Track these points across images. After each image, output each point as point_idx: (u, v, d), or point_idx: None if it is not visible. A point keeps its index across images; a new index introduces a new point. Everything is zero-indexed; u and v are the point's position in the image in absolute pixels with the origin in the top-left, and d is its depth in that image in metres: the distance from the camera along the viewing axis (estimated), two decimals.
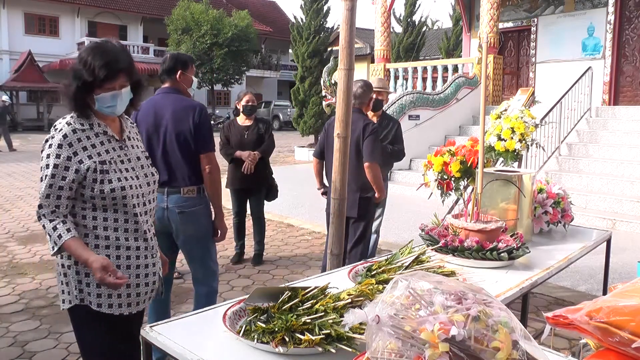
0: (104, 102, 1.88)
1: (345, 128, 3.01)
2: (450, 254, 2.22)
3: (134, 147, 2.06)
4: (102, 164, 1.89)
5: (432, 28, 28.73)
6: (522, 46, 12.65)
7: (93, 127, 1.92)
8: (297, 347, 1.34)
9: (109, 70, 1.84)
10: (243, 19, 26.70)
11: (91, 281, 1.91)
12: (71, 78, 1.87)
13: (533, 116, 5.31)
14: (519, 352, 1.01)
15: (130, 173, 1.97)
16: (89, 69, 1.83)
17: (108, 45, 1.90)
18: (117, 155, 1.96)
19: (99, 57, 1.84)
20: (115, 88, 1.88)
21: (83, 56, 1.86)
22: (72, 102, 1.88)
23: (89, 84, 1.84)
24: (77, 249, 1.81)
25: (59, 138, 1.86)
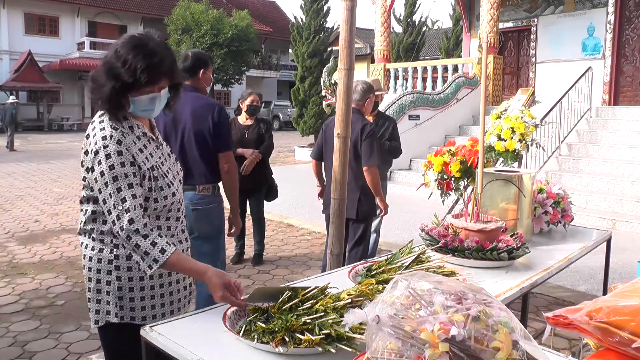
0: (141, 105, 1.71)
1: (345, 128, 3.01)
2: (450, 254, 2.22)
3: (164, 145, 1.90)
4: (152, 170, 1.73)
5: (432, 28, 28.74)
6: (522, 46, 12.65)
7: (133, 129, 1.73)
8: (297, 347, 1.34)
9: (151, 74, 1.64)
10: (243, 19, 26.70)
11: (135, 295, 1.76)
12: (105, 76, 1.64)
13: (533, 116, 5.31)
14: (519, 352, 1.01)
15: (170, 175, 1.82)
16: (128, 69, 1.62)
17: (151, 44, 1.67)
18: (158, 157, 1.80)
19: (142, 58, 1.62)
20: (155, 91, 1.70)
21: (122, 53, 1.63)
22: (106, 103, 1.67)
23: (128, 85, 1.64)
24: (185, 262, 1.64)
25: (115, 145, 1.65)
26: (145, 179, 1.70)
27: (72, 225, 6.80)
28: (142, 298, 1.78)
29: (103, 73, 1.66)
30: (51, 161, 14.36)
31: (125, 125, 1.72)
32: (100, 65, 1.68)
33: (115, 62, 1.64)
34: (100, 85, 1.66)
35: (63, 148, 18.39)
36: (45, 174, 11.81)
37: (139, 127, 1.76)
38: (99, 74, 1.68)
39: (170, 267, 1.66)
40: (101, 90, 1.66)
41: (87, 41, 29.11)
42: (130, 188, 1.64)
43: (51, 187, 9.96)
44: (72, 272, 4.93)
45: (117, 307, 1.77)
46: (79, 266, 5.11)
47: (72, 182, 10.59)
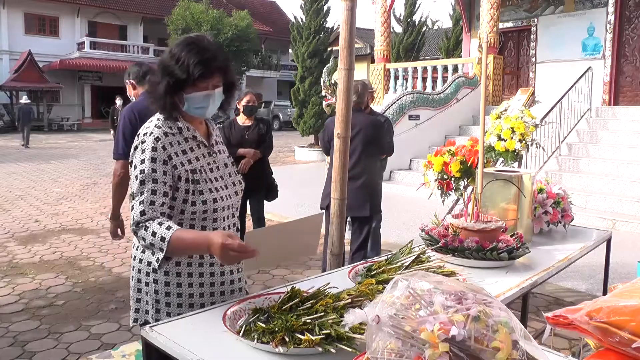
0: (195, 103, 1.73)
1: (345, 128, 3.01)
2: (450, 254, 2.22)
3: (220, 153, 1.89)
4: (193, 172, 1.73)
5: (432, 28, 28.73)
6: (522, 46, 12.65)
7: (182, 131, 1.76)
8: (297, 347, 1.34)
9: (204, 68, 1.67)
10: (243, 19, 26.70)
11: (172, 301, 1.79)
12: (160, 74, 1.70)
13: (533, 116, 5.31)
14: (519, 352, 1.01)
15: (220, 182, 1.81)
16: (182, 65, 1.66)
17: (204, 42, 1.71)
18: (207, 163, 1.80)
19: (195, 54, 1.67)
20: (209, 88, 1.72)
21: (175, 52, 1.69)
22: (161, 101, 1.71)
23: (181, 82, 1.68)
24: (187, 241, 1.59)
25: (151, 141, 1.69)
26: (181, 180, 1.72)
27: (72, 225, 6.80)
28: (179, 305, 1.80)
29: (158, 72, 1.72)
30: (51, 161, 14.35)
31: (174, 125, 1.75)
32: (156, 66, 1.74)
33: (170, 61, 1.69)
34: (156, 83, 1.71)
35: (63, 148, 18.39)
36: (45, 174, 11.81)
37: (189, 129, 1.78)
38: (154, 74, 1.74)
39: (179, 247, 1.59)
40: (156, 89, 1.71)
41: (87, 41, 29.11)
42: (153, 183, 1.66)
43: (51, 187, 9.97)
44: (72, 272, 4.93)
45: (154, 309, 1.81)
46: (79, 266, 5.12)
47: (72, 182, 10.60)
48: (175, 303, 1.80)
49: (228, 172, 1.88)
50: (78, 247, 5.79)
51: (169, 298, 1.80)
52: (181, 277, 1.80)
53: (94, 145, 19.51)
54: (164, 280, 1.80)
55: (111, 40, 30.39)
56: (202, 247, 1.59)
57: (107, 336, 3.58)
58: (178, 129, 1.76)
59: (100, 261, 5.29)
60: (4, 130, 25.04)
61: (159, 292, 1.80)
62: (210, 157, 1.82)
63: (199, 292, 1.82)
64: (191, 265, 1.80)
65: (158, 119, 1.76)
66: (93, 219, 7.26)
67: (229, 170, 1.90)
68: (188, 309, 1.81)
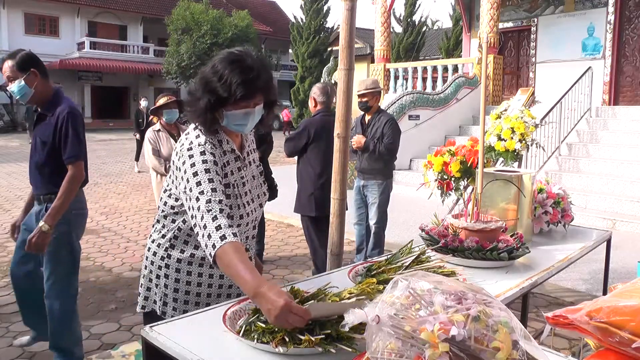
0: (234, 120, 1.71)
1: (346, 128, 3.01)
2: (450, 254, 2.22)
3: (251, 164, 1.89)
4: (227, 187, 1.72)
5: (432, 28, 28.76)
6: (522, 46, 12.65)
7: (222, 144, 1.75)
8: (297, 347, 1.34)
9: (246, 89, 1.65)
10: (243, 19, 26.71)
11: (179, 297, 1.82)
12: (202, 90, 1.68)
13: (533, 116, 5.32)
14: (519, 352, 1.01)
15: (248, 197, 1.81)
16: (224, 84, 1.64)
17: (248, 60, 1.68)
18: (240, 177, 1.80)
19: (238, 73, 1.64)
20: (249, 106, 1.70)
21: (219, 69, 1.65)
22: (201, 117, 1.69)
23: (223, 100, 1.66)
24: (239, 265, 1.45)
25: (197, 149, 1.67)
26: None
27: None
28: (186, 302, 1.84)
29: (200, 87, 1.69)
30: None
31: (214, 138, 1.75)
32: (197, 79, 1.72)
33: (212, 77, 1.66)
34: (197, 98, 1.70)
35: None
36: None
37: (228, 142, 1.77)
38: (195, 87, 1.71)
39: (224, 265, 1.48)
40: (197, 104, 1.69)
41: (87, 41, 29.11)
42: (210, 182, 1.61)
43: None
44: None
45: (161, 302, 1.88)
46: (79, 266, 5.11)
47: None
48: (182, 300, 1.85)
49: (256, 184, 1.89)
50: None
51: (176, 294, 1.85)
52: (191, 276, 1.84)
53: (93, 145, 19.52)
54: (175, 277, 1.84)
55: (111, 40, 30.40)
56: (248, 284, 1.41)
57: (107, 336, 3.58)
58: (218, 141, 1.76)
59: (100, 261, 5.28)
60: (4, 130, 25.03)
61: (168, 287, 1.85)
62: (242, 171, 1.82)
63: (207, 293, 1.86)
64: (202, 266, 1.84)
65: (197, 131, 1.74)
66: (93, 219, 7.26)
67: (257, 182, 1.90)
68: (194, 306, 1.84)
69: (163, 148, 4.73)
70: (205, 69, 1.72)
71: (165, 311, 1.86)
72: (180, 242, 1.84)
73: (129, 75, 30.86)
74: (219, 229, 1.50)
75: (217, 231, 1.50)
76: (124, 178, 11.33)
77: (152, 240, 1.91)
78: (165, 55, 27.66)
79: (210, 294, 1.86)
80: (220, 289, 1.88)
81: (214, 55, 1.77)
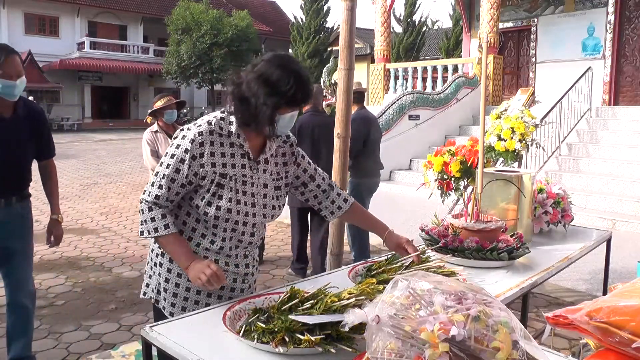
0: (283, 122, 1.77)
1: (345, 128, 3.01)
2: (450, 254, 2.22)
3: (265, 172, 1.86)
4: (222, 177, 1.75)
5: (432, 28, 28.76)
6: (522, 46, 12.65)
7: (231, 135, 1.78)
8: (297, 347, 1.34)
9: (304, 96, 1.75)
10: (243, 19, 26.70)
11: (169, 288, 1.86)
12: (264, 94, 1.69)
13: (533, 116, 5.32)
14: (519, 352, 1.01)
15: (247, 198, 1.80)
16: (290, 89, 1.70)
17: (303, 73, 1.76)
18: (242, 175, 1.79)
19: (300, 83, 1.71)
20: (295, 110, 1.79)
21: (281, 75, 1.69)
22: (263, 118, 1.71)
23: (284, 104, 1.73)
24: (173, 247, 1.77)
25: (193, 133, 1.74)
26: (204, 179, 1.75)
27: (72, 225, 6.80)
28: (175, 295, 1.86)
29: (261, 90, 1.70)
30: None
31: (226, 127, 1.78)
32: (252, 84, 1.71)
33: (277, 81, 1.70)
34: (254, 95, 1.70)
35: (63, 148, 18.38)
36: None
37: (239, 136, 1.79)
38: (252, 90, 1.70)
39: (162, 247, 1.81)
40: (258, 107, 1.70)
41: (87, 41, 29.10)
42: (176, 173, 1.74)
43: None
44: (72, 272, 4.93)
45: (156, 290, 1.92)
46: (79, 266, 5.12)
47: (72, 182, 10.59)
48: (172, 292, 1.85)
49: (265, 192, 1.85)
50: (78, 247, 5.79)
51: (167, 284, 1.86)
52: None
53: (93, 145, 19.51)
54: (167, 267, 1.87)
55: (111, 40, 30.39)
56: (182, 261, 1.76)
57: (107, 336, 3.58)
58: (228, 132, 1.78)
59: (100, 261, 5.29)
60: None
61: (161, 276, 1.89)
62: (249, 171, 1.81)
63: (196, 289, 1.84)
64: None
65: (216, 117, 1.79)
66: (93, 219, 7.26)
67: (268, 192, 1.86)
68: (182, 300, 1.85)
69: (161, 149, 4.73)
70: (263, 68, 1.72)
71: (158, 299, 1.91)
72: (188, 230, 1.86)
73: (129, 75, 30.86)
74: (152, 221, 1.75)
75: (151, 222, 1.76)
76: (124, 178, 11.33)
77: None
78: (165, 55, 27.66)
79: (200, 291, 1.84)
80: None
81: (214, 55, 1.79)
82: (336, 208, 2.05)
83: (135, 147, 13.17)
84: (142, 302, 4.18)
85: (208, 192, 1.76)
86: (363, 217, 2.15)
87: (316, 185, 2.02)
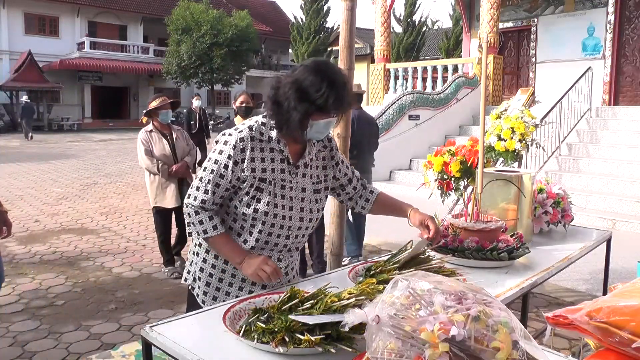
0: (317, 128, 1.79)
1: (345, 128, 3.01)
2: (450, 254, 2.22)
3: (305, 176, 1.89)
4: (262, 181, 1.80)
5: (432, 28, 28.77)
6: (522, 46, 12.65)
7: (271, 141, 1.82)
8: (297, 347, 1.34)
9: (339, 104, 1.75)
10: (243, 19, 26.71)
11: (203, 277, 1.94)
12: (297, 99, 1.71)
13: (533, 116, 5.32)
14: (519, 352, 1.01)
15: (285, 202, 1.84)
16: (322, 96, 1.70)
17: (339, 81, 1.76)
18: (281, 179, 1.83)
19: (333, 91, 1.71)
20: (331, 117, 1.80)
21: (314, 81, 1.71)
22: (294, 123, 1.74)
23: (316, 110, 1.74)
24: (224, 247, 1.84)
25: (235, 139, 1.78)
26: (244, 183, 1.80)
27: (72, 225, 6.80)
28: (208, 284, 1.94)
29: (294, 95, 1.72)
30: (51, 161, 14.36)
31: (266, 132, 1.82)
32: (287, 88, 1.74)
33: (310, 88, 1.71)
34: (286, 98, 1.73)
35: (63, 148, 18.39)
36: (45, 174, 11.81)
37: (279, 142, 1.82)
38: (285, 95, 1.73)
39: (213, 248, 1.88)
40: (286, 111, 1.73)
41: (87, 41, 29.11)
42: (220, 178, 1.79)
43: (51, 187, 9.97)
44: (72, 272, 4.93)
45: (192, 277, 1.99)
46: (79, 266, 5.12)
47: (72, 182, 10.60)
48: (205, 281, 1.94)
49: (303, 197, 1.88)
50: (78, 247, 5.79)
51: (201, 274, 1.95)
52: (217, 260, 1.93)
53: (94, 145, 19.52)
54: (203, 257, 1.95)
55: (111, 40, 30.40)
56: (234, 258, 1.84)
57: (107, 336, 3.58)
58: (269, 137, 1.82)
59: (100, 261, 5.29)
60: (4, 130, 25.03)
61: (197, 265, 1.97)
62: (288, 175, 1.85)
63: (229, 282, 1.93)
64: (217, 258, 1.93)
65: (257, 122, 1.83)
66: (93, 219, 7.26)
67: (306, 196, 1.90)
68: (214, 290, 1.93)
69: (155, 148, 4.79)
70: (298, 74, 1.75)
71: (193, 287, 1.99)
72: None
73: (129, 75, 30.86)
74: (201, 223, 1.81)
75: (200, 224, 1.81)
76: (124, 178, 11.33)
77: None
78: (165, 55, 27.66)
79: (232, 284, 1.93)
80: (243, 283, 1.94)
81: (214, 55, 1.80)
82: (364, 201, 2.14)
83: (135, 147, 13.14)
84: (142, 302, 4.18)
85: (247, 195, 1.81)
86: (389, 203, 2.22)
87: (352, 187, 2.10)
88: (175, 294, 4.38)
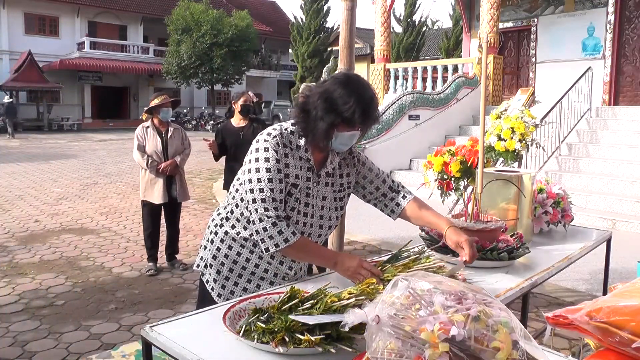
0: (342, 140, 1.81)
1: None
2: (450, 254, 2.22)
3: (327, 185, 1.94)
4: (293, 186, 1.84)
5: (432, 28, 28.75)
6: (522, 46, 12.65)
7: (299, 149, 1.86)
8: (297, 347, 1.34)
9: (365, 118, 1.77)
10: (243, 19, 26.71)
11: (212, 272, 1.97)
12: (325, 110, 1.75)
13: (533, 116, 5.32)
14: (519, 352, 1.01)
15: (308, 209, 1.90)
16: (349, 109, 1.73)
17: (367, 96, 1.78)
18: (306, 187, 1.88)
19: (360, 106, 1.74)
20: (356, 129, 1.82)
21: (342, 94, 1.74)
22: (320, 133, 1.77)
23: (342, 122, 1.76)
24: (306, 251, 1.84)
25: (273, 144, 1.80)
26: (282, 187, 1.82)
27: (72, 225, 6.80)
28: (218, 272, 1.97)
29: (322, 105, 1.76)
30: (51, 161, 14.36)
31: (295, 140, 1.85)
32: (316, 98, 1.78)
33: (338, 100, 1.75)
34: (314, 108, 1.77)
35: (63, 148, 18.39)
36: (45, 174, 11.81)
37: (306, 151, 1.86)
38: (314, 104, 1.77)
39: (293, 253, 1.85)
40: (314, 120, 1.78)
41: (87, 41, 29.11)
42: (270, 182, 1.78)
43: (51, 187, 9.97)
44: (72, 272, 4.93)
45: (204, 265, 2.03)
46: (79, 266, 5.12)
47: (72, 182, 10.60)
48: (217, 269, 1.97)
49: (322, 205, 1.93)
50: (78, 247, 5.79)
51: (214, 261, 1.98)
52: (231, 250, 1.95)
53: (93, 145, 19.52)
54: (217, 246, 1.98)
55: (111, 40, 30.40)
56: (326, 259, 1.86)
57: (107, 336, 3.58)
58: (297, 146, 1.85)
59: (100, 261, 5.29)
60: (4, 131, 25.03)
61: (211, 252, 2.00)
62: (311, 183, 1.89)
63: (239, 273, 1.96)
64: (243, 247, 1.94)
65: (286, 129, 1.85)
66: (93, 219, 7.26)
67: (326, 204, 1.94)
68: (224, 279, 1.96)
69: (148, 144, 4.93)
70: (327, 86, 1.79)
71: (204, 273, 2.02)
72: (234, 218, 1.95)
73: (129, 75, 30.86)
74: (280, 234, 1.77)
75: (278, 235, 1.77)
76: (123, 178, 11.33)
77: (218, 207, 2.07)
78: (165, 55, 27.67)
79: (242, 275, 1.95)
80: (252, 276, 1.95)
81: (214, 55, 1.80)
82: (395, 205, 2.12)
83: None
84: (142, 302, 4.18)
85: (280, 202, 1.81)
86: (423, 214, 2.11)
87: (381, 193, 2.10)
88: (175, 293, 4.38)
